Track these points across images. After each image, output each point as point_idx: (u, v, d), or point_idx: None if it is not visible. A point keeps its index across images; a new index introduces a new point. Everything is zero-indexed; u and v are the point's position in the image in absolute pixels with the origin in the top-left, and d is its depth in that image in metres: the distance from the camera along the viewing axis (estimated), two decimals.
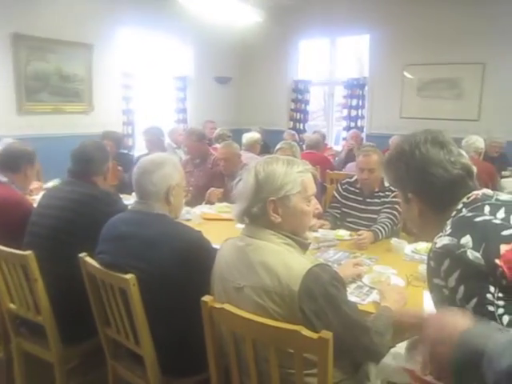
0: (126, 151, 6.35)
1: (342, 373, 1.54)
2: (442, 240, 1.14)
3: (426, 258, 2.49)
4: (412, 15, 6.90)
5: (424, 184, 1.29)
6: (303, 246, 1.55)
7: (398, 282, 2.15)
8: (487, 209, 1.18)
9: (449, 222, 1.21)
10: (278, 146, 3.81)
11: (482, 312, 1.03)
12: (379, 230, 2.87)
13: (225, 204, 3.57)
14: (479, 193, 1.23)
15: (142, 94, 7.10)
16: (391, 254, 2.63)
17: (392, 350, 1.49)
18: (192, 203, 3.63)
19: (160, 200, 1.92)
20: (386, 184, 3.16)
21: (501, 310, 1.02)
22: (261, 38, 7.52)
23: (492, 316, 1.02)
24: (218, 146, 4.96)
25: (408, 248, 2.64)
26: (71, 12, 5.70)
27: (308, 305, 1.34)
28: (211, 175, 4.10)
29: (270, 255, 1.43)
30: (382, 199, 3.13)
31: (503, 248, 1.06)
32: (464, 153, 1.33)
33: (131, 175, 2.03)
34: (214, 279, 1.61)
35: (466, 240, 1.09)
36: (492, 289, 1.04)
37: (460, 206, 1.22)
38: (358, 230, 2.90)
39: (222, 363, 1.59)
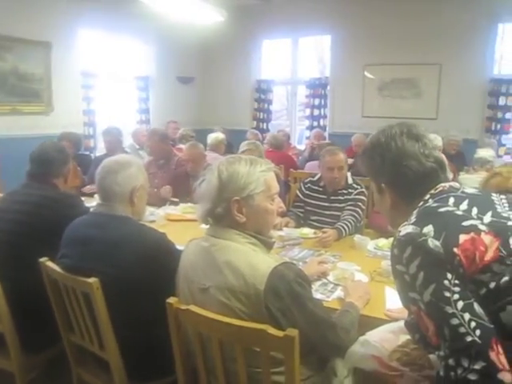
0: (87, 152, 6.24)
1: (309, 369, 1.55)
2: (406, 228, 1.17)
3: (388, 253, 2.56)
4: (372, 16, 7.02)
5: (398, 176, 1.32)
6: (268, 245, 1.56)
7: (362, 278, 2.19)
8: (452, 200, 1.21)
9: (415, 211, 1.24)
10: (243, 148, 3.81)
11: (439, 297, 1.07)
12: (343, 227, 2.92)
13: (189, 205, 3.55)
14: (446, 185, 1.28)
15: (104, 94, 6.95)
16: (355, 250, 2.68)
17: (361, 338, 1.52)
18: (156, 204, 3.60)
19: (124, 201, 1.89)
20: (350, 181, 3.22)
21: (456, 296, 1.06)
22: (223, 37, 7.50)
23: (447, 301, 1.06)
24: (181, 146, 4.93)
25: (371, 244, 2.70)
26: (28, 9, 5.51)
27: (274, 303, 1.35)
28: (175, 176, 4.06)
29: (235, 255, 1.43)
30: (345, 196, 3.18)
31: (462, 238, 1.10)
32: (440, 143, 1.37)
33: (91, 177, 2.00)
34: (179, 281, 1.61)
35: (428, 229, 1.13)
36: (449, 276, 1.08)
37: (427, 196, 1.26)
38: (322, 227, 2.94)
39: (189, 365, 1.58)
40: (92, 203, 2.67)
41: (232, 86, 8.35)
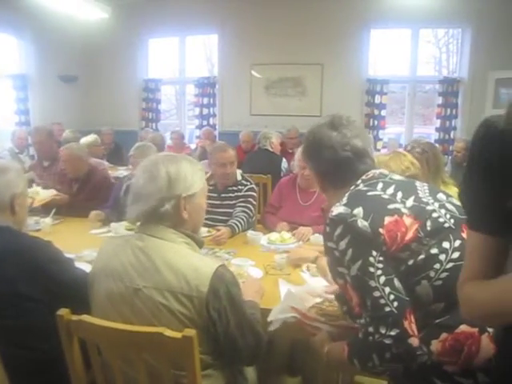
0: None
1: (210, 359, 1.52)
2: (338, 209, 1.28)
3: (280, 247, 2.66)
4: (258, 17, 7.19)
5: (319, 164, 1.46)
6: (200, 244, 1.57)
7: (256, 273, 2.24)
8: (380, 185, 1.34)
9: (347, 194, 1.35)
10: (133, 152, 3.60)
11: (364, 272, 1.19)
12: (235, 224, 2.97)
13: None
14: (377, 171, 1.40)
15: None
16: (248, 246, 2.74)
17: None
18: (41, 211, 3.38)
19: (3, 210, 1.75)
20: (239, 178, 3.28)
21: (379, 272, 1.18)
22: (108, 35, 7.25)
23: (372, 276, 1.18)
24: None
25: (264, 239, 2.77)
26: None
27: (213, 304, 1.37)
28: (61, 178, 3.83)
29: (174, 255, 1.42)
30: (236, 193, 3.23)
31: (387, 219, 1.22)
32: (364, 135, 1.48)
33: None
34: (97, 284, 1.50)
35: (358, 211, 1.24)
36: (374, 253, 1.20)
37: (359, 181, 1.38)
38: (216, 226, 2.96)
39: (86, 378, 1.51)
40: None
41: (119, 85, 8.07)
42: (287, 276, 2.20)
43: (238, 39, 7.40)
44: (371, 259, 1.19)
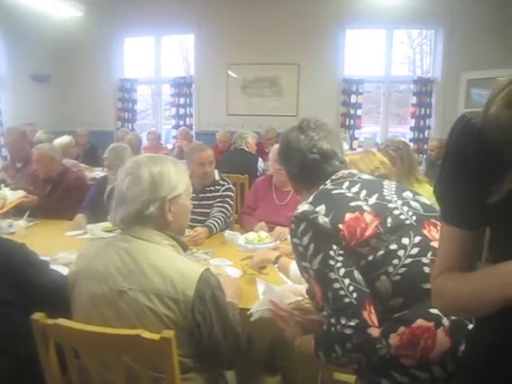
0: None
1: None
2: (303, 207, 1.34)
3: (258, 246, 2.67)
4: (235, 16, 7.20)
5: (291, 167, 1.53)
6: (184, 247, 1.57)
7: (234, 273, 2.25)
8: (346, 184, 1.39)
9: (314, 193, 1.40)
10: (107, 154, 3.56)
11: (325, 265, 1.24)
12: (213, 224, 2.97)
13: None
14: (346, 172, 1.46)
15: None
16: (226, 246, 2.75)
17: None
18: (14, 214, 3.32)
19: None
20: (217, 178, 3.28)
21: (339, 264, 1.23)
22: (82, 34, 7.17)
23: (331, 268, 1.23)
24: None
25: (241, 239, 2.78)
26: None
27: (199, 308, 1.37)
28: (34, 179, 3.77)
29: (160, 258, 1.41)
30: (214, 193, 3.23)
31: (348, 216, 1.27)
32: (332, 137, 1.52)
33: None
34: (79, 287, 1.48)
35: (321, 208, 1.30)
36: (334, 247, 1.25)
37: (328, 182, 1.43)
38: (194, 226, 2.95)
39: (62, 382, 1.48)
40: None
41: (94, 84, 7.97)
42: (265, 275, 2.21)
43: (215, 39, 7.39)
44: (331, 253, 1.24)
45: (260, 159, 5.14)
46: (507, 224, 0.83)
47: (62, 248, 2.41)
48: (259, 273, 2.20)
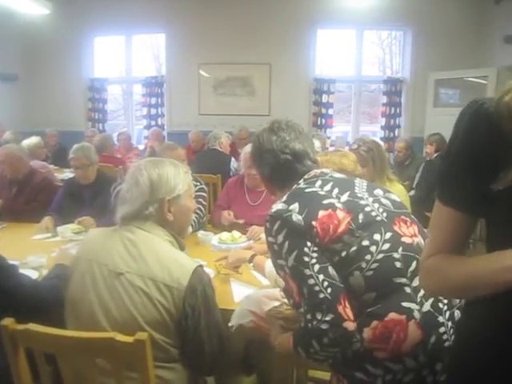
0: None
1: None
2: (277, 206, 1.36)
3: (232, 246, 2.67)
4: (206, 16, 7.15)
5: (263, 168, 1.55)
6: (181, 247, 1.62)
7: (208, 273, 2.23)
8: (319, 183, 1.41)
9: (288, 192, 1.42)
10: (72, 154, 3.46)
11: (299, 262, 1.26)
12: None
13: None
14: (318, 171, 1.48)
15: None
16: (199, 246, 2.73)
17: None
18: None
19: None
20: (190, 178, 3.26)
21: (313, 261, 1.25)
22: (51, 32, 7.02)
23: (306, 265, 1.25)
24: None
25: (215, 239, 2.77)
26: None
27: (189, 300, 1.42)
28: (1, 181, 3.67)
29: (162, 249, 1.50)
30: None
31: (321, 213, 1.29)
32: (304, 138, 1.54)
33: None
34: (79, 268, 1.53)
35: (294, 206, 1.32)
36: (308, 244, 1.27)
37: (301, 180, 1.45)
38: None
39: None
40: None
41: (63, 84, 7.80)
42: (239, 275, 2.21)
43: (186, 38, 7.34)
44: (305, 249, 1.26)
45: (233, 159, 5.14)
46: (508, 212, 0.84)
47: (30, 251, 2.36)
48: (234, 272, 2.20)
